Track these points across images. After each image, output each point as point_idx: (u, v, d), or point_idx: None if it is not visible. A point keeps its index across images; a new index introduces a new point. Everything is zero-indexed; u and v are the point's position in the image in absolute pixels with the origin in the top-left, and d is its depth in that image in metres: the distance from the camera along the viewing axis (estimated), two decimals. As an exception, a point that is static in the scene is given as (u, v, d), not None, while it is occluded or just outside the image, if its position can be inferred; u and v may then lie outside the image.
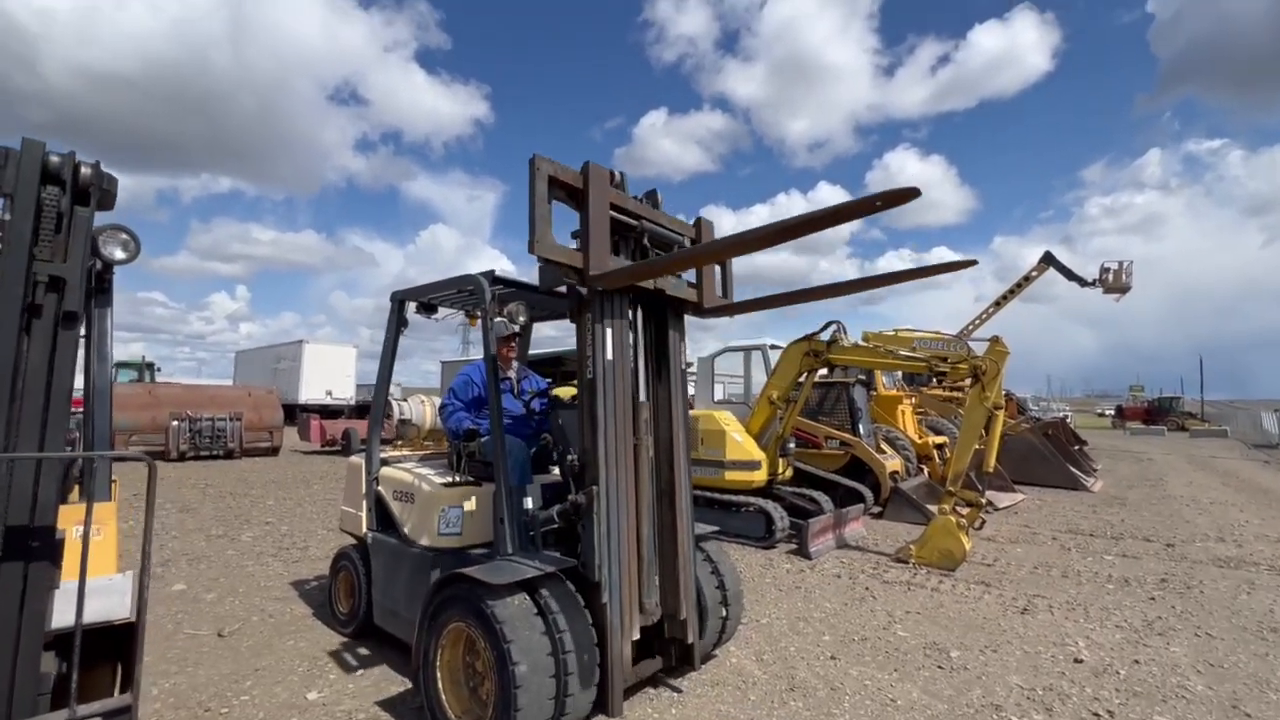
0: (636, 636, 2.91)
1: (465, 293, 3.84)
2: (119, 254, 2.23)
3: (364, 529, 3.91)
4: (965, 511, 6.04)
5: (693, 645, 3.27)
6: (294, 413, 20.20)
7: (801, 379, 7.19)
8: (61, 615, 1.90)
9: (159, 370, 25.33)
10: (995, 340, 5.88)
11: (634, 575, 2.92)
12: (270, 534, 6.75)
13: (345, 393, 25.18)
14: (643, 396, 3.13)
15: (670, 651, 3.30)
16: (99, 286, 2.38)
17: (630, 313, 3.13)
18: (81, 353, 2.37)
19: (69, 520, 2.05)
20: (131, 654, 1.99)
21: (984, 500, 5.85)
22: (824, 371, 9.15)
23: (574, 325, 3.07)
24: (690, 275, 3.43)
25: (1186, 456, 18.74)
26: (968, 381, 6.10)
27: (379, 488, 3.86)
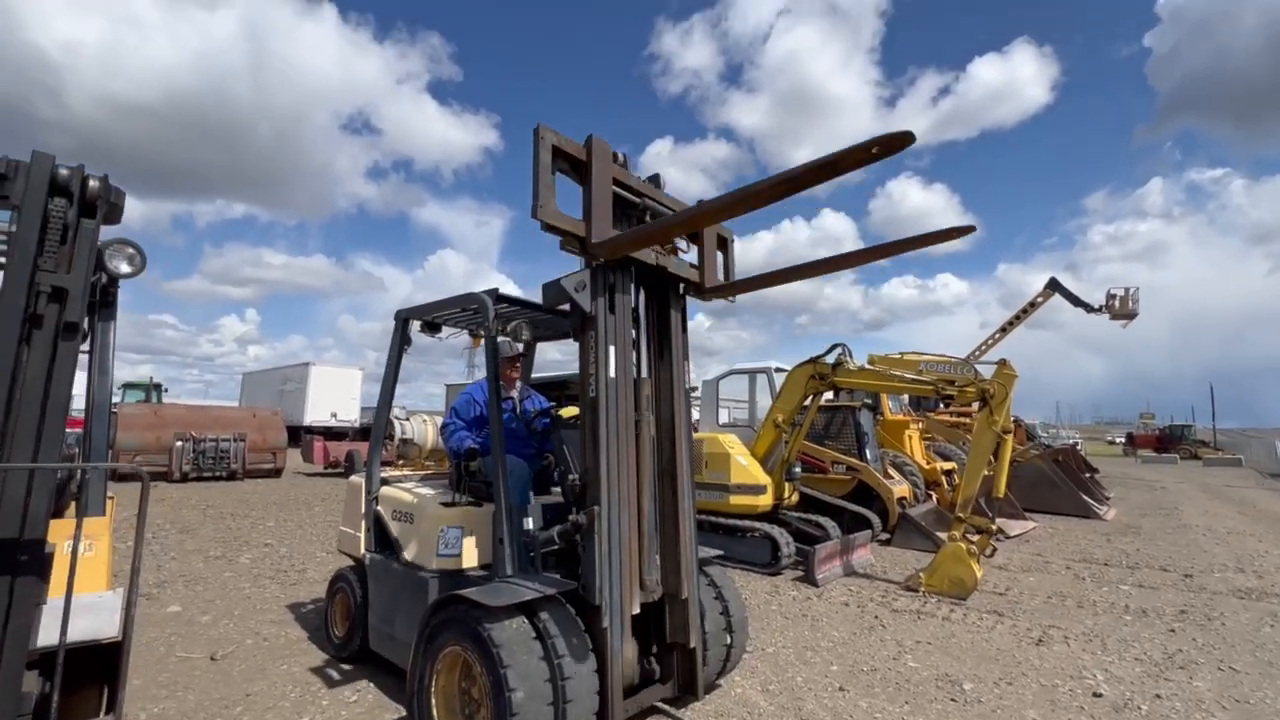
0: (636, 610, 2.83)
1: (469, 311, 3.85)
2: (124, 268, 2.24)
3: (362, 550, 3.85)
4: (976, 539, 5.90)
5: (696, 672, 3.17)
6: (298, 435, 20.18)
7: (807, 402, 7.13)
8: (48, 633, 1.85)
9: (166, 391, 25.44)
10: (1003, 363, 5.82)
11: (634, 552, 2.87)
12: (269, 556, 6.67)
13: (350, 415, 25.16)
14: (644, 373, 3.13)
15: (673, 679, 3.20)
16: (103, 300, 2.38)
17: (632, 291, 3.11)
18: (84, 373, 2.36)
19: (62, 535, 2.01)
20: (116, 674, 1.93)
21: (994, 527, 5.73)
22: (829, 396, 9.09)
23: (577, 345, 3.06)
24: (692, 256, 3.40)
25: (1200, 485, 18.39)
26: (975, 405, 6.02)
27: (378, 508, 3.81)
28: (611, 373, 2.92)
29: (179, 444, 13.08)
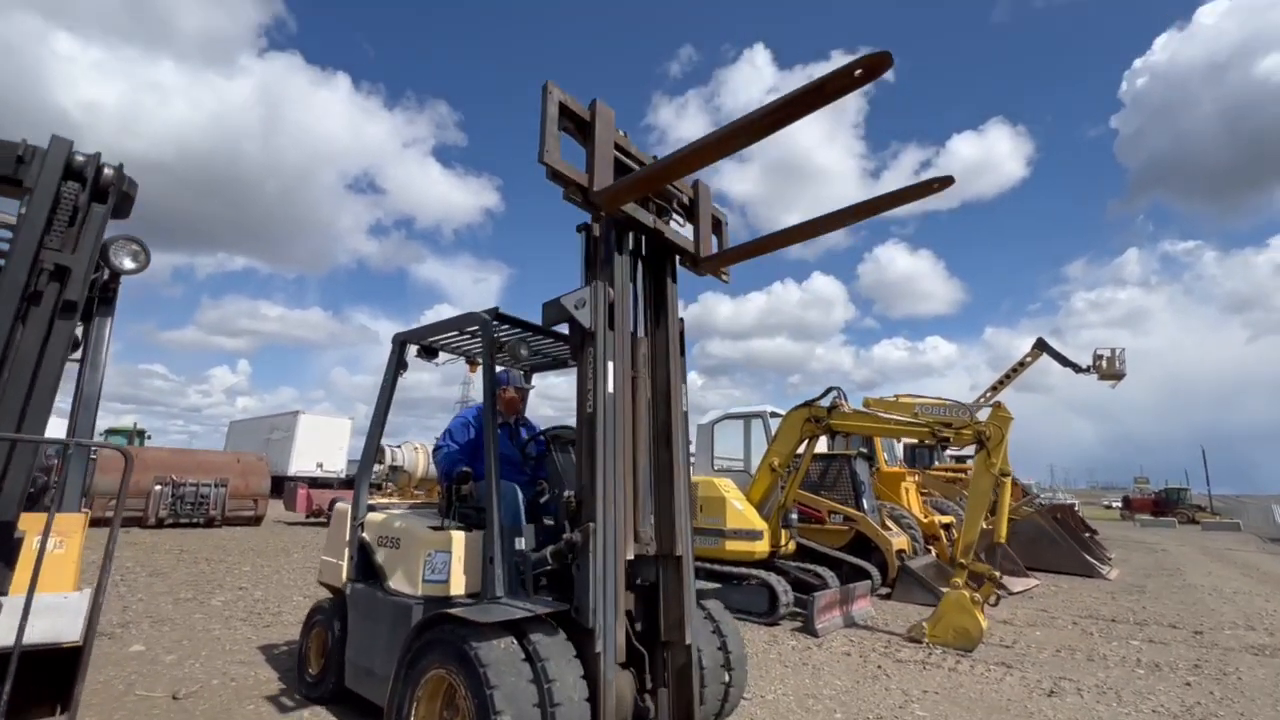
0: (630, 557, 2.79)
1: (467, 334, 3.85)
2: (128, 263, 2.24)
3: (343, 579, 3.68)
4: (980, 588, 5.72)
5: (693, 709, 2.97)
6: (281, 485, 19.60)
7: (803, 447, 7.06)
8: (4, 633, 1.74)
9: (150, 438, 24.94)
10: (998, 406, 5.83)
11: (630, 508, 2.84)
12: (243, 599, 6.35)
13: (336, 466, 24.60)
14: (641, 334, 3.19)
15: (669, 718, 3.00)
16: (103, 296, 2.38)
17: (629, 255, 3.16)
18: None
19: (32, 530, 1.93)
20: (73, 678, 1.81)
21: (997, 574, 5.57)
22: (823, 446, 9.02)
23: (574, 372, 3.05)
24: (688, 233, 3.44)
25: (1201, 549, 18.08)
26: (973, 448, 5.98)
27: (363, 534, 3.67)
28: (610, 388, 2.90)
29: (158, 488, 12.69)
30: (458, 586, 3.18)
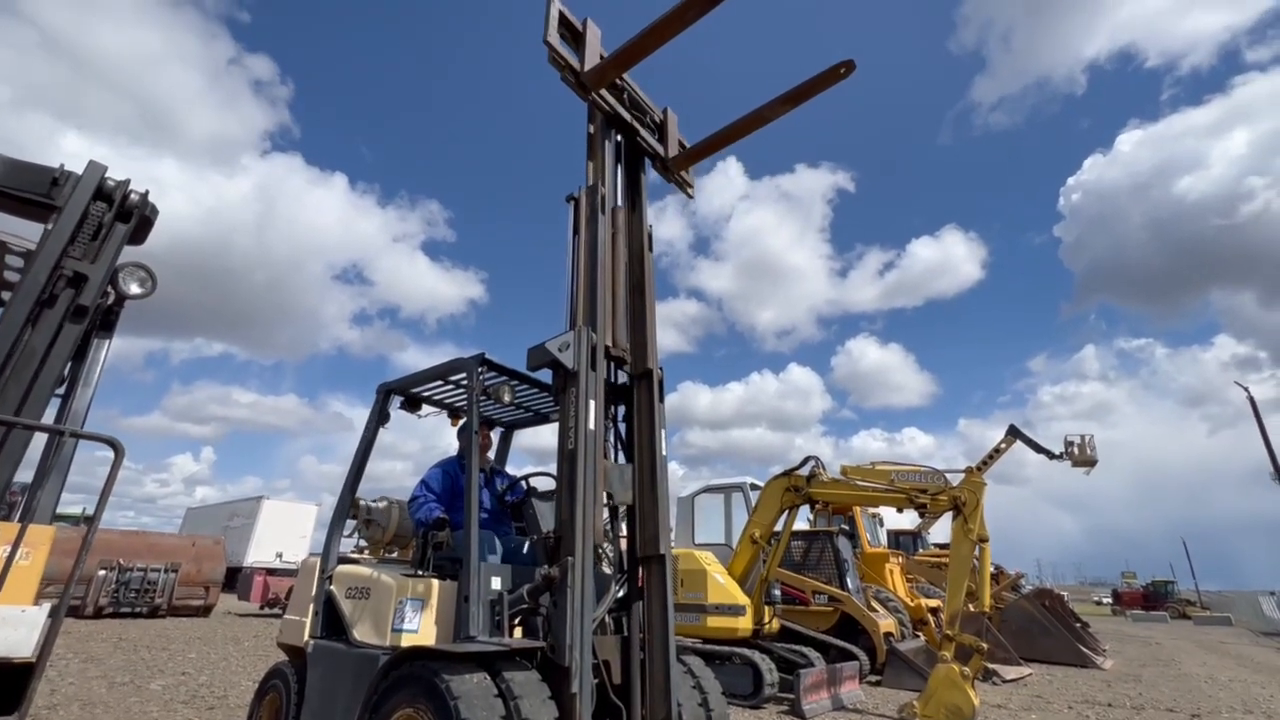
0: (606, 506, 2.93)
1: (452, 384, 3.94)
2: (135, 289, 2.36)
3: (306, 637, 3.48)
4: (968, 661, 5.54)
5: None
6: (235, 578, 18.29)
7: (783, 518, 7.01)
8: (-43, 642, 1.68)
9: (98, 524, 23.42)
10: (969, 471, 5.95)
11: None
12: (185, 683, 5.83)
13: (296, 556, 23.19)
14: (619, 204, 3.65)
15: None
16: (105, 319, 2.46)
17: (611, 151, 3.64)
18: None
19: (2, 538, 1.90)
20: (23, 694, 1.73)
21: (985, 645, 5.41)
22: (804, 523, 8.94)
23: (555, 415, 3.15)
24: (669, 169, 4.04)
25: (1194, 641, 17.63)
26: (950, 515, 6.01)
27: (331, 587, 3.53)
28: (591, 425, 2.99)
29: (102, 573, 11.83)
30: (428, 636, 3.05)
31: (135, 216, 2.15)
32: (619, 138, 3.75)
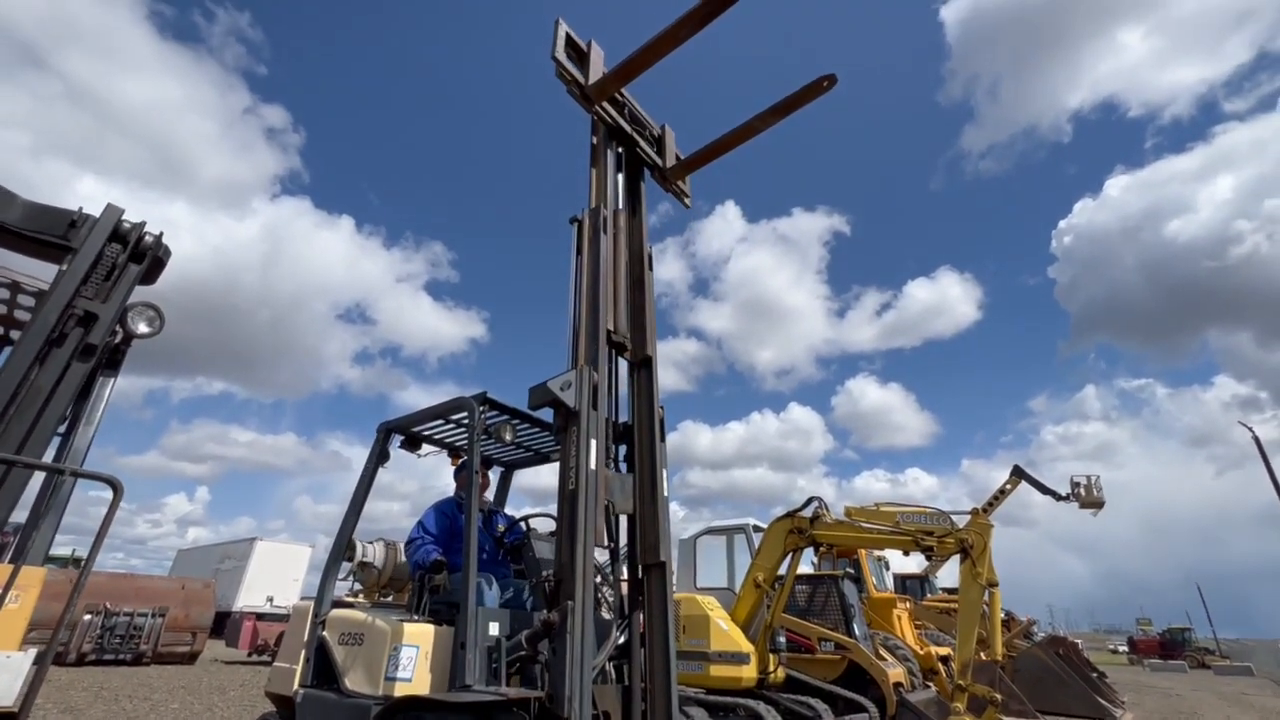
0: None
1: (453, 423, 3.93)
2: (143, 328, 2.39)
3: (295, 686, 3.37)
4: (982, 714, 5.33)
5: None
6: (224, 623, 17.74)
7: (787, 561, 6.86)
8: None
9: (86, 566, 22.91)
10: (975, 513, 5.86)
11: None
12: (166, 736, 5.60)
13: (288, 600, 22.57)
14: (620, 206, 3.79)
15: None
16: (111, 357, 2.48)
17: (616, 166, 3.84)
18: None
19: (-8, 580, 1.87)
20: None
21: (999, 697, 5.20)
22: (808, 566, 8.75)
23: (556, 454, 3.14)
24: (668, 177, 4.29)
25: (1216, 693, 16.98)
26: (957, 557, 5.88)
27: (324, 633, 3.43)
28: (592, 465, 2.97)
29: (87, 617, 11.51)
30: (422, 685, 2.95)
31: (148, 257, 2.19)
32: (620, 149, 3.97)
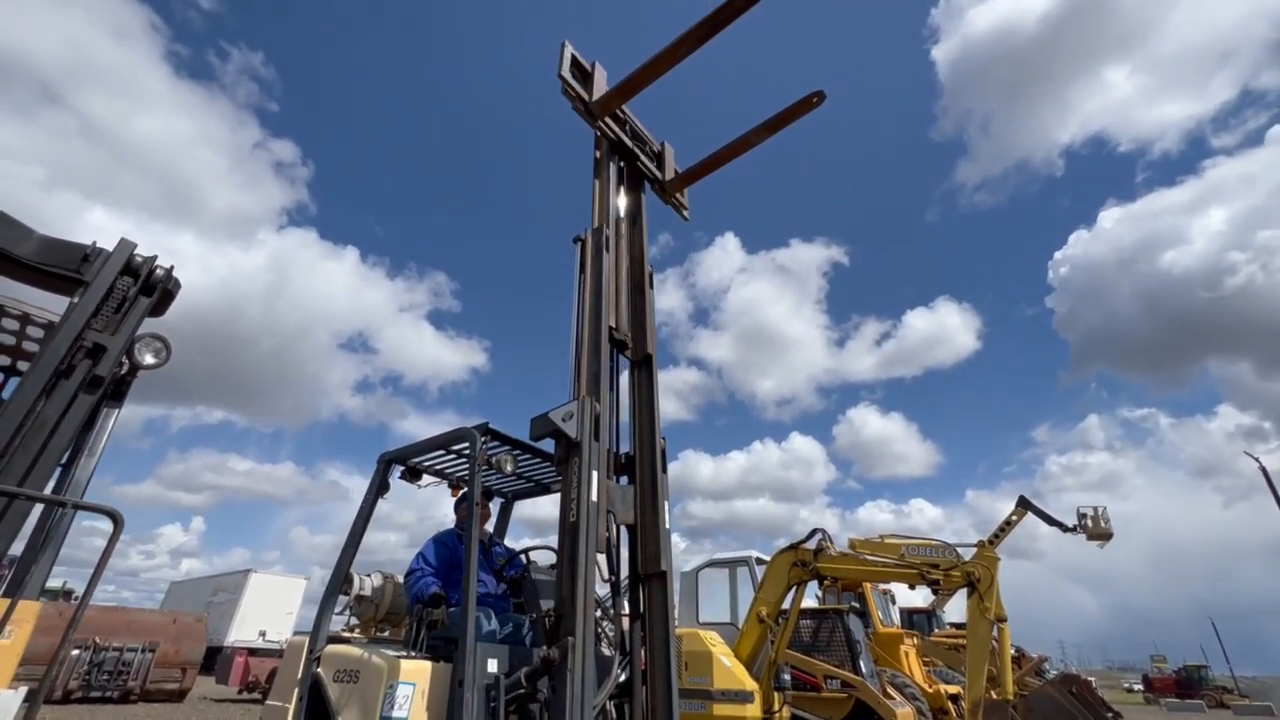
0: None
1: (454, 454, 3.91)
2: (149, 359, 2.41)
3: (287, 725, 3.28)
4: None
5: None
6: (214, 658, 17.27)
7: (791, 595, 6.74)
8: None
9: (75, 599, 22.55)
10: (981, 545, 5.77)
11: None
12: (152, 779, 5.41)
13: (281, 635, 22.04)
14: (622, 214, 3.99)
15: None
16: (116, 388, 2.49)
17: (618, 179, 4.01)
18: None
19: (-14, 615, 1.84)
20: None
21: (1012, 738, 5.03)
22: (812, 600, 8.59)
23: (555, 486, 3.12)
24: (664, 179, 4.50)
25: (1236, 734, 16.42)
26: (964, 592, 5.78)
27: (318, 669, 3.36)
28: (594, 496, 2.95)
29: (76, 652, 11.25)
30: (419, 724, 2.87)
31: (159, 290, 2.22)
32: (621, 164, 4.15)
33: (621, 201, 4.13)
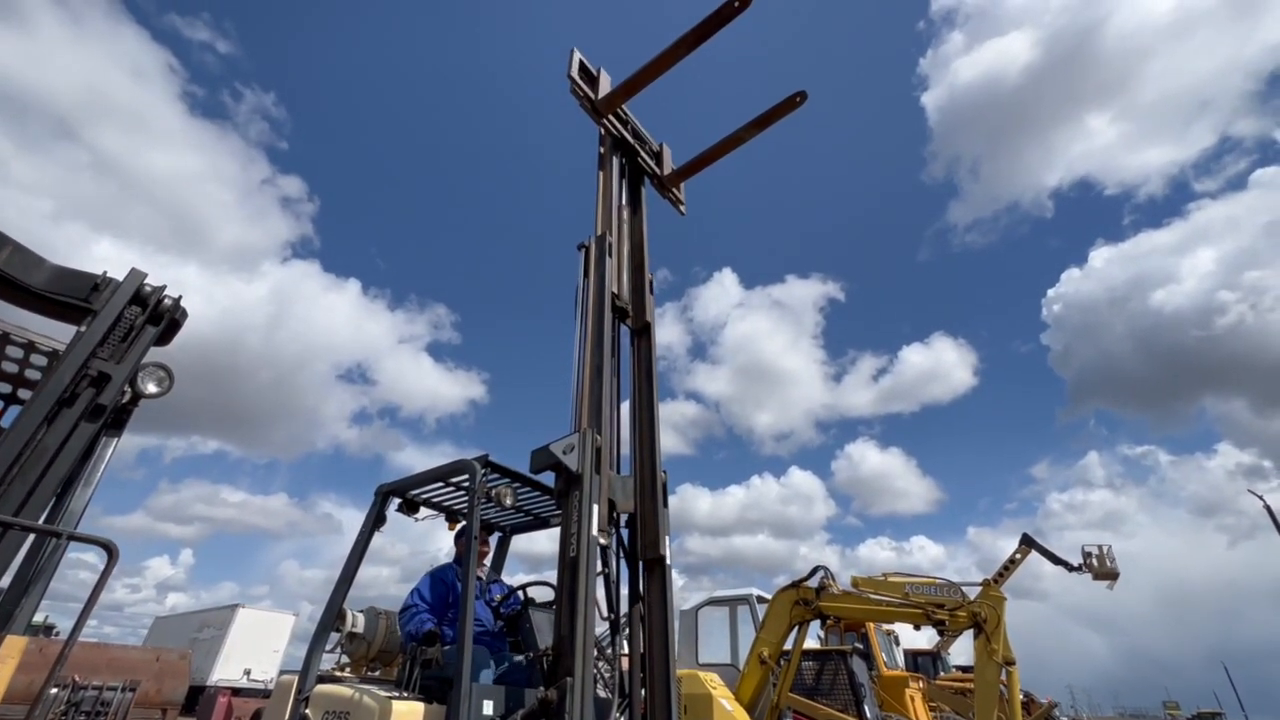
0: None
1: (452, 485, 3.87)
2: (152, 388, 2.40)
3: (272, 771, 3.15)
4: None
5: None
6: (196, 698, 16.68)
7: (793, 634, 6.58)
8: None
9: (57, 634, 21.98)
10: (987, 585, 5.67)
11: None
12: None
13: (267, 673, 21.37)
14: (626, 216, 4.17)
15: None
16: (117, 418, 2.48)
17: (620, 173, 4.24)
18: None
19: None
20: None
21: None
22: (814, 641, 8.39)
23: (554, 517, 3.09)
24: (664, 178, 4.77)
25: (1256, 786, 15.81)
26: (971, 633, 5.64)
27: (306, 710, 3.25)
28: (594, 530, 2.90)
29: (54, 691, 10.85)
30: (409, 770, 2.77)
31: (166, 319, 2.24)
32: (623, 160, 4.39)
33: (623, 191, 4.35)
